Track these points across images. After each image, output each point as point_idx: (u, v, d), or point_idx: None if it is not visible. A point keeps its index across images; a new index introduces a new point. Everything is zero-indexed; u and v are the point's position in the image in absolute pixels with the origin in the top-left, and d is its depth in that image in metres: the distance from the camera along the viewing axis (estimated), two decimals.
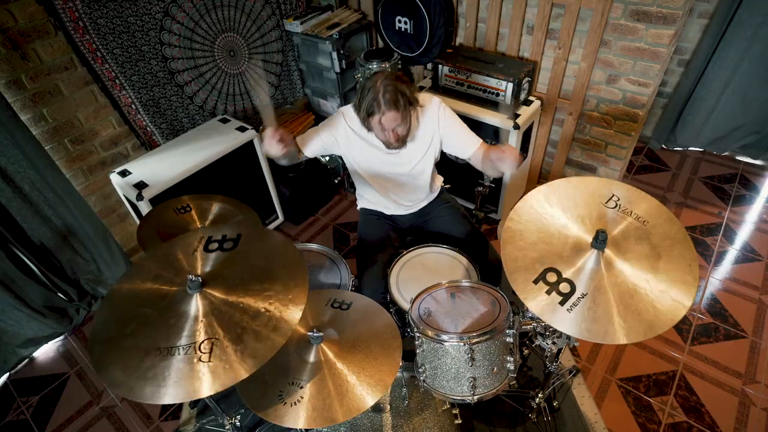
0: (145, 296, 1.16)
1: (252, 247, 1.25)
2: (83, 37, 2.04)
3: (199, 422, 1.92)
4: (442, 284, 1.47)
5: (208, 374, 0.99)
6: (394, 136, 1.59)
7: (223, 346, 1.03)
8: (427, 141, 1.71)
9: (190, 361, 1.01)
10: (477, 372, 1.31)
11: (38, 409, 2.07)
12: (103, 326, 1.12)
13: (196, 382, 0.98)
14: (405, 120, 1.56)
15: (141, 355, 1.03)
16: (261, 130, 1.43)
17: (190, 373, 0.99)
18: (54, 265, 2.25)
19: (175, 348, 1.03)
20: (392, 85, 1.47)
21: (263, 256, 1.23)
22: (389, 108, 1.48)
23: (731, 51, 2.61)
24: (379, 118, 1.51)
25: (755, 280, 2.32)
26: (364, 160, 1.75)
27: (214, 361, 1.00)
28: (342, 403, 1.14)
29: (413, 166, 1.75)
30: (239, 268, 1.19)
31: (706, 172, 3.03)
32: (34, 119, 2.03)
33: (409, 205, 1.91)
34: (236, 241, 1.27)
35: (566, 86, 2.39)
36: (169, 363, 1.01)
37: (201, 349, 1.02)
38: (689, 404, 1.87)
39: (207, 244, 1.26)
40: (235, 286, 1.15)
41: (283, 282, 1.14)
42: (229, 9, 2.55)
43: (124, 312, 1.13)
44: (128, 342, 1.06)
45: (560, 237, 1.22)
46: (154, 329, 1.08)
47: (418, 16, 2.47)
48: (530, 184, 2.86)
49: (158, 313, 1.11)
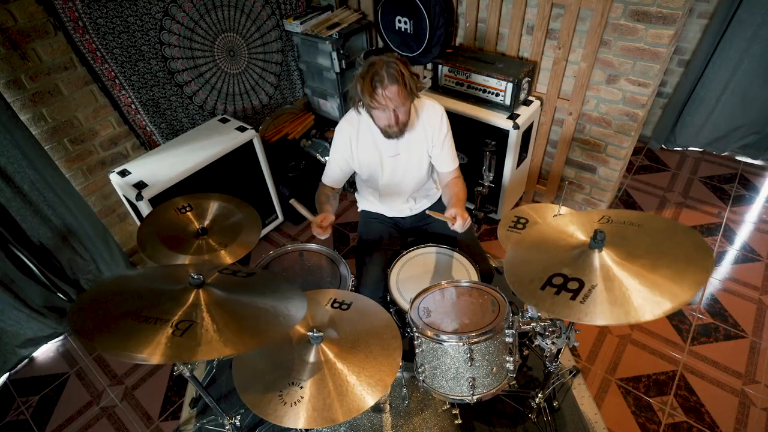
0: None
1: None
2: (83, 36, 2.04)
3: (199, 422, 1.92)
4: (442, 284, 1.47)
5: (173, 346, 1.00)
6: (395, 118, 1.55)
7: (201, 329, 1.04)
8: (428, 141, 1.72)
9: (163, 331, 1.02)
10: (476, 372, 1.31)
11: (38, 409, 2.07)
12: (97, 291, 1.15)
13: (159, 347, 0.99)
14: (406, 100, 1.53)
15: (121, 316, 1.04)
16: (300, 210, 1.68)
17: (158, 340, 1.00)
18: (54, 265, 2.25)
19: (154, 319, 1.04)
20: (395, 63, 1.47)
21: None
22: (391, 82, 1.46)
23: (731, 51, 2.62)
24: (381, 93, 1.48)
25: (755, 280, 2.32)
26: (368, 165, 1.75)
27: (186, 337, 1.02)
28: (342, 403, 1.14)
29: (414, 167, 1.76)
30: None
31: (705, 172, 3.03)
32: (34, 119, 2.03)
33: (411, 208, 1.91)
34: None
35: (566, 86, 2.39)
36: (143, 327, 1.02)
37: (178, 327, 1.04)
38: (689, 404, 1.87)
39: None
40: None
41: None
42: (228, 9, 2.55)
43: (124, 285, 1.16)
44: (113, 306, 1.08)
45: (559, 245, 1.23)
46: (144, 300, 1.10)
47: (418, 16, 2.47)
48: (530, 184, 2.86)
49: (153, 292, 1.13)
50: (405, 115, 1.58)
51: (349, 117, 1.71)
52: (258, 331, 1.10)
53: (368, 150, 1.71)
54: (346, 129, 1.71)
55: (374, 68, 1.46)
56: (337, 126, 1.73)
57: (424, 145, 1.72)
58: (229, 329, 1.06)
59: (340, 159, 1.75)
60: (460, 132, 2.44)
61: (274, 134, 2.98)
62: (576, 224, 1.28)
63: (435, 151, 1.74)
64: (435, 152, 1.74)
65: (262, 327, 1.12)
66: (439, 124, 1.69)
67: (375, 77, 1.46)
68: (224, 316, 1.09)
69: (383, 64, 1.46)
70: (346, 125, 1.71)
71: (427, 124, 1.69)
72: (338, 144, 1.73)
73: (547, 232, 1.32)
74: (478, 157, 2.46)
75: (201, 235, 1.63)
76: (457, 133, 2.38)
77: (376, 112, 1.56)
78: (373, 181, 1.81)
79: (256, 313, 1.16)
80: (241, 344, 1.05)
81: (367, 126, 1.68)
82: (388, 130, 1.61)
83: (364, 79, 1.49)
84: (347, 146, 1.72)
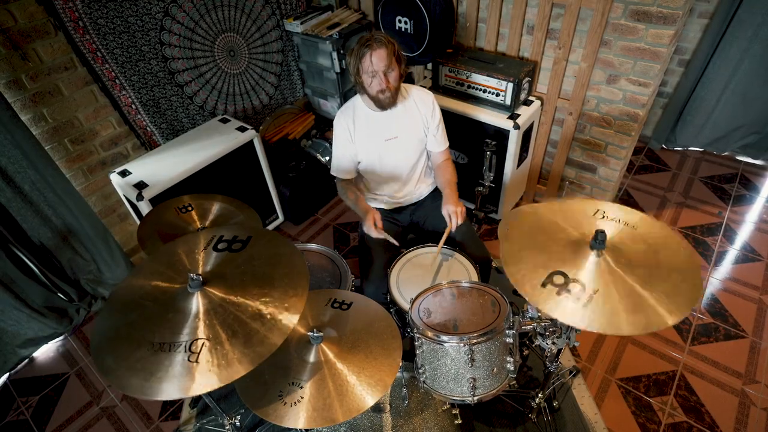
0: (147, 290, 1.17)
1: (258, 251, 1.25)
2: (83, 37, 2.04)
3: (199, 422, 1.92)
4: (442, 284, 1.47)
5: (195, 374, 0.99)
6: (385, 82, 1.63)
7: (213, 347, 1.03)
8: (423, 121, 1.81)
9: (180, 360, 1.01)
10: (477, 372, 1.31)
11: (38, 409, 2.07)
12: (107, 315, 1.13)
13: (183, 381, 0.98)
14: (395, 64, 1.63)
15: (134, 346, 1.03)
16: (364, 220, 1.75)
17: (177, 371, 0.99)
18: (54, 266, 2.25)
19: (167, 344, 1.03)
20: (383, 34, 1.62)
21: (268, 260, 1.23)
22: (380, 45, 1.58)
23: (731, 51, 2.61)
24: (370, 56, 1.58)
25: (755, 280, 2.32)
26: (367, 150, 1.81)
27: (203, 362, 1.00)
28: (342, 403, 1.14)
29: (412, 148, 1.84)
30: (241, 270, 1.20)
31: (706, 172, 3.03)
32: (34, 119, 2.03)
33: (411, 193, 1.95)
34: (245, 243, 1.27)
35: (566, 86, 2.39)
36: (159, 358, 1.01)
37: (191, 349, 1.02)
38: (689, 404, 1.87)
39: (216, 243, 1.27)
40: (235, 286, 1.15)
41: (283, 289, 1.14)
42: (229, 9, 2.55)
43: (128, 303, 1.14)
44: (125, 331, 1.07)
45: (558, 242, 1.23)
46: (152, 323, 1.08)
47: (418, 16, 2.47)
48: (530, 184, 2.85)
49: (158, 307, 1.12)
50: (396, 80, 1.67)
51: (343, 109, 1.81)
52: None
53: (366, 135, 1.79)
54: (342, 119, 1.80)
55: (364, 38, 1.61)
56: (335, 120, 1.82)
57: (420, 125, 1.81)
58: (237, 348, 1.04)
59: (345, 148, 1.82)
60: (460, 132, 2.44)
61: (274, 134, 2.98)
62: (569, 219, 1.29)
63: (430, 133, 1.84)
64: (430, 134, 1.85)
65: (283, 296, 1.11)
66: (431, 108, 1.81)
67: (365, 43, 1.59)
68: (233, 326, 1.08)
69: (371, 34, 1.61)
70: (342, 116, 1.80)
71: (420, 104, 1.80)
72: (339, 135, 1.81)
73: (543, 225, 1.31)
74: (478, 157, 2.46)
75: None
76: (458, 133, 2.39)
77: (367, 78, 1.64)
78: (371, 167, 1.86)
79: (269, 286, 1.15)
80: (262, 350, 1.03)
81: (363, 113, 1.77)
82: (381, 97, 1.67)
83: (355, 48, 1.62)
84: (347, 134, 1.79)
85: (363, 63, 1.61)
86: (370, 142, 1.80)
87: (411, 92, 1.81)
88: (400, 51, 1.65)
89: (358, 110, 1.78)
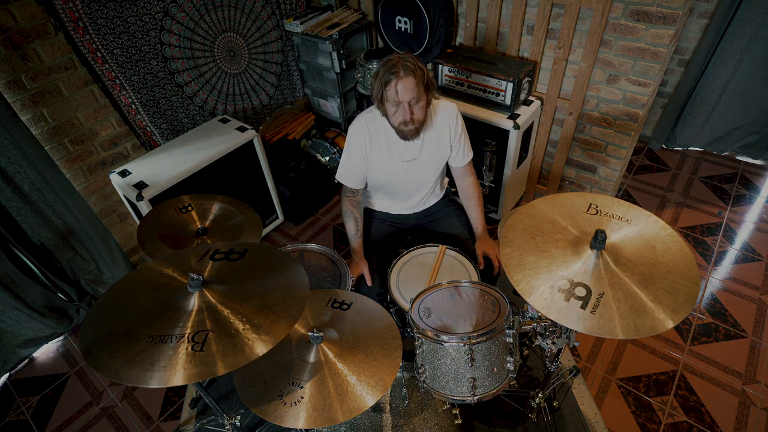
0: (147, 286, 1.17)
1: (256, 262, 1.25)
2: (83, 37, 2.04)
3: (199, 422, 1.92)
4: (442, 284, 1.47)
5: (194, 363, 0.99)
6: (410, 113, 1.51)
7: (215, 339, 1.02)
8: (446, 143, 1.71)
9: (181, 349, 1.01)
10: (477, 372, 1.31)
11: (38, 410, 2.07)
12: (98, 312, 1.12)
13: (180, 369, 0.98)
14: (422, 94, 1.50)
15: (132, 340, 1.03)
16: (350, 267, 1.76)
17: (178, 360, 0.99)
18: (54, 266, 2.25)
19: (168, 336, 1.03)
20: (412, 58, 1.48)
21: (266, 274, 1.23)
22: (407, 74, 1.44)
23: (731, 51, 2.61)
24: (396, 84, 1.45)
25: (755, 280, 2.32)
26: (381, 170, 1.73)
27: (206, 351, 1.00)
28: (342, 403, 1.14)
29: (431, 171, 1.76)
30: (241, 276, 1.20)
31: (706, 172, 3.03)
32: (34, 119, 2.03)
33: (416, 206, 1.91)
34: (242, 254, 1.27)
35: (566, 86, 2.39)
36: (160, 349, 1.00)
37: (195, 339, 1.02)
38: (689, 404, 1.87)
39: (213, 254, 1.26)
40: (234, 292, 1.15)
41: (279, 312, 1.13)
42: (229, 9, 2.55)
43: (122, 301, 1.14)
44: (119, 326, 1.06)
45: (557, 242, 1.22)
46: (149, 318, 1.08)
47: (419, 16, 2.47)
48: (530, 184, 2.85)
49: (156, 305, 1.11)
50: (421, 112, 1.54)
51: (364, 119, 1.67)
52: (282, 311, 1.09)
53: (382, 156, 1.69)
54: (360, 135, 1.67)
55: (391, 62, 1.47)
56: (352, 126, 1.70)
57: (446, 143, 1.71)
58: (254, 322, 1.05)
59: (356, 166, 1.73)
60: None
61: (274, 134, 2.99)
62: (564, 215, 1.28)
63: (455, 145, 1.73)
64: (455, 147, 1.74)
65: (281, 305, 1.11)
66: (455, 119, 1.69)
67: (391, 69, 1.45)
68: (242, 308, 1.08)
69: (399, 59, 1.46)
70: (360, 128, 1.67)
71: (444, 124, 1.68)
72: (352, 149, 1.70)
73: (539, 224, 1.30)
74: (478, 157, 2.45)
75: (201, 235, 1.63)
76: None
77: (391, 108, 1.53)
78: (380, 184, 1.80)
79: (267, 295, 1.14)
80: (277, 332, 1.03)
81: (383, 131, 1.66)
82: (404, 129, 1.56)
83: (380, 72, 1.49)
84: (362, 152, 1.69)
85: (387, 91, 1.48)
86: (386, 163, 1.69)
87: (438, 112, 1.67)
88: (430, 78, 1.51)
89: (379, 126, 1.65)
